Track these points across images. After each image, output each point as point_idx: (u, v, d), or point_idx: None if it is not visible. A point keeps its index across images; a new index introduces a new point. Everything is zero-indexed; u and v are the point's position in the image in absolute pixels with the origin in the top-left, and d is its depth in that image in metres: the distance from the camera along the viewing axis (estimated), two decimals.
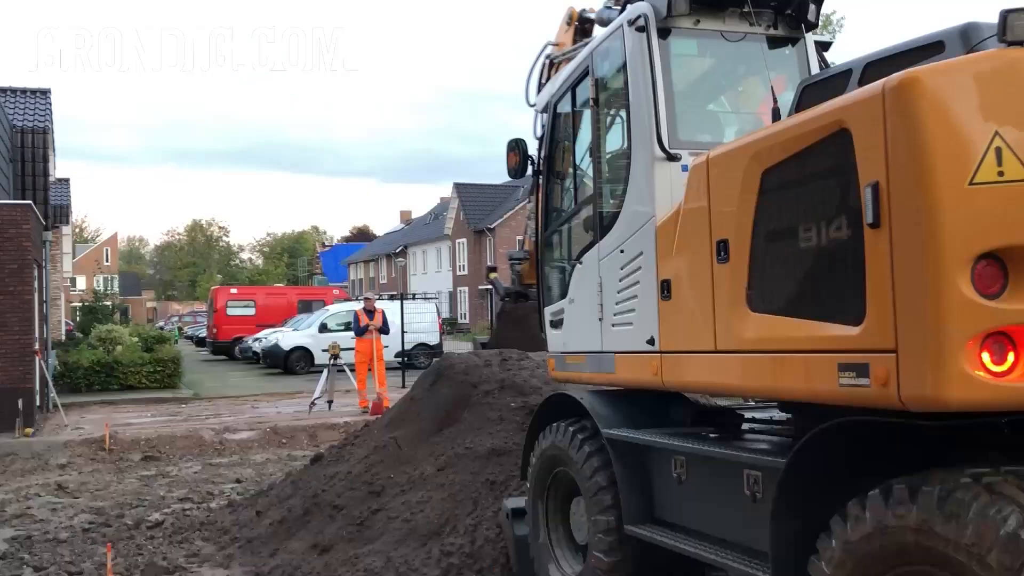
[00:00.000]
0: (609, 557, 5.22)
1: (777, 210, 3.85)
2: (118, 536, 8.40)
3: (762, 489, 4.15)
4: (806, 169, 3.66)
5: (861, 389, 3.32)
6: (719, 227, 4.18)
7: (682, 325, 4.60)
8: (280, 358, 29.18)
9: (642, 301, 4.99)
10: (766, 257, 3.90)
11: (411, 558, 6.58)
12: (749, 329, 3.96)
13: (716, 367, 4.29)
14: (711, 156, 4.31)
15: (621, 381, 5.41)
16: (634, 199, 5.13)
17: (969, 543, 2.92)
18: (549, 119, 6.49)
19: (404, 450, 8.34)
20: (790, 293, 3.78)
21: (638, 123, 5.09)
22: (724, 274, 4.13)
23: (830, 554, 3.44)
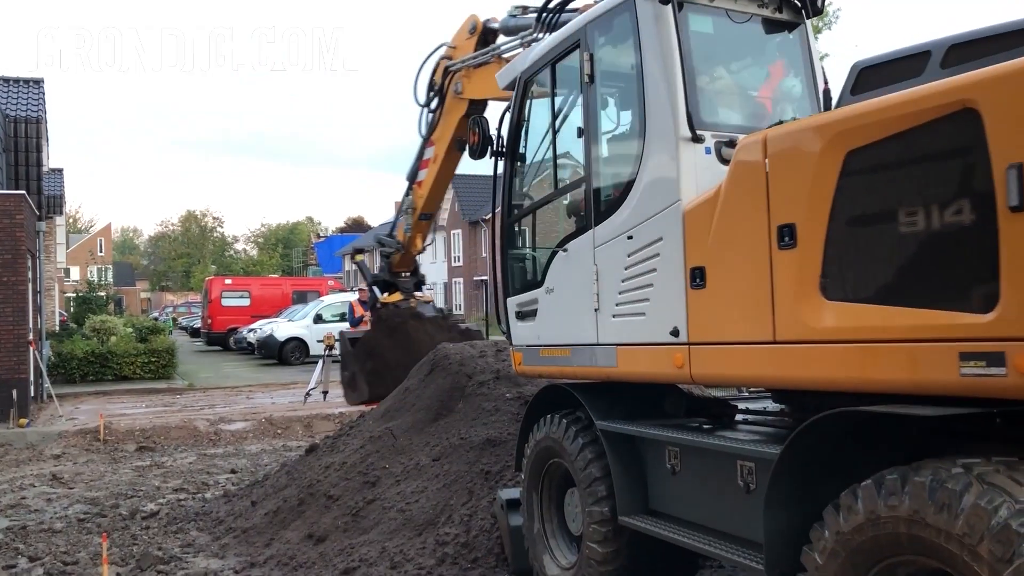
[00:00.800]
0: (603, 548, 5.25)
1: (867, 193, 3.61)
2: (113, 526, 8.41)
3: (756, 480, 4.18)
4: (912, 150, 3.42)
5: (992, 379, 3.12)
6: (781, 211, 3.90)
7: (722, 315, 4.29)
8: (275, 349, 29.18)
9: (661, 290, 4.69)
10: (849, 243, 3.65)
11: (406, 548, 6.60)
12: (825, 319, 3.71)
13: (773, 360, 3.98)
14: (770, 136, 4.03)
15: (624, 375, 5.13)
16: (650, 183, 4.81)
17: (961, 533, 2.94)
18: (517, 96, 6.13)
19: (399, 440, 8.35)
20: (886, 280, 3.53)
21: (656, 102, 4.78)
22: (788, 261, 3.86)
23: (823, 544, 3.46)
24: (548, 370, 5.92)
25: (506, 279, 6.33)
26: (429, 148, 10.32)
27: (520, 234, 6.32)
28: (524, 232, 6.29)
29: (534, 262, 6.14)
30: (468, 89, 9.49)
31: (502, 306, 6.39)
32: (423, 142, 10.40)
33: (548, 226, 6.08)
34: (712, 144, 4.66)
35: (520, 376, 6.75)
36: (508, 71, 6.53)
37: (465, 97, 9.55)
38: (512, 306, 6.22)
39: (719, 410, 5.41)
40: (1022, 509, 2.84)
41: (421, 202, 10.73)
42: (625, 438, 5.18)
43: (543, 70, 5.86)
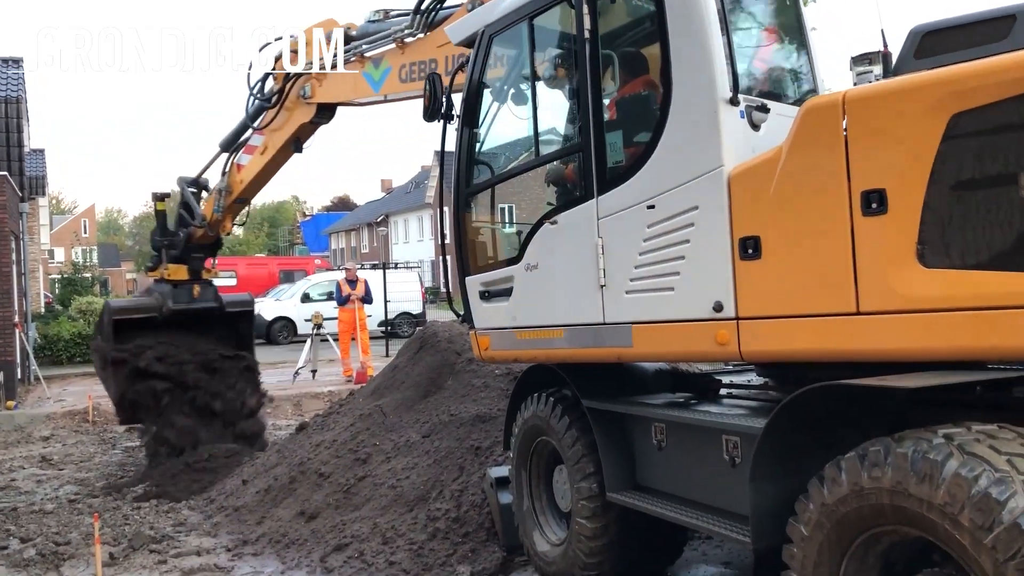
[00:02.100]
0: (592, 523, 5.30)
1: (976, 158, 3.45)
2: (104, 507, 8.43)
3: (741, 454, 4.22)
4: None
5: None
6: (866, 176, 3.67)
7: (783, 287, 3.99)
8: (262, 328, 29.03)
9: (697, 261, 4.30)
10: (954, 209, 3.48)
11: (397, 524, 6.66)
12: (923, 287, 3.52)
13: (855, 330, 3.71)
14: (850, 97, 3.76)
15: (643, 355, 4.80)
16: (678, 147, 4.40)
17: (942, 503, 2.99)
18: (479, 54, 5.56)
19: (389, 418, 8.39)
20: (1006, 246, 3.36)
21: (689, 62, 4.35)
22: (877, 228, 3.63)
23: (808, 516, 3.52)
24: (529, 353, 5.55)
25: (465, 256, 5.79)
26: (258, 136, 9.58)
27: (484, 206, 5.81)
28: (489, 204, 5.77)
29: (505, 236, 5.86)
30: (319, 93, 8.87)
31: (459, 286, 5.89)
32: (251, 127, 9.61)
33: (523, 196, 5.68)
34: (744, 107, 4.31)
35: (487, 362, 6.22)
36: (466, 24, 5.90)
37: (314, 102, 8.91)
38: (474, 285, 5.75)
39: (704, 385, 5.46)
40: (1002, 478, 2.90)
41: (239, 188, 9.86)
42: (612, 415, 5.22)
43: (516, 25, 5.33)
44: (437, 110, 5.74)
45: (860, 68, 4.17)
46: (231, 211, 10.16)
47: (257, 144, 9.59)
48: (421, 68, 7.57)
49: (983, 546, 2.87)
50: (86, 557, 6.93)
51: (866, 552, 3.40)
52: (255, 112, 9.47)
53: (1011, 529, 2.81)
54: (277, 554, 6.85)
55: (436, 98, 5.72)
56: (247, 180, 9.76)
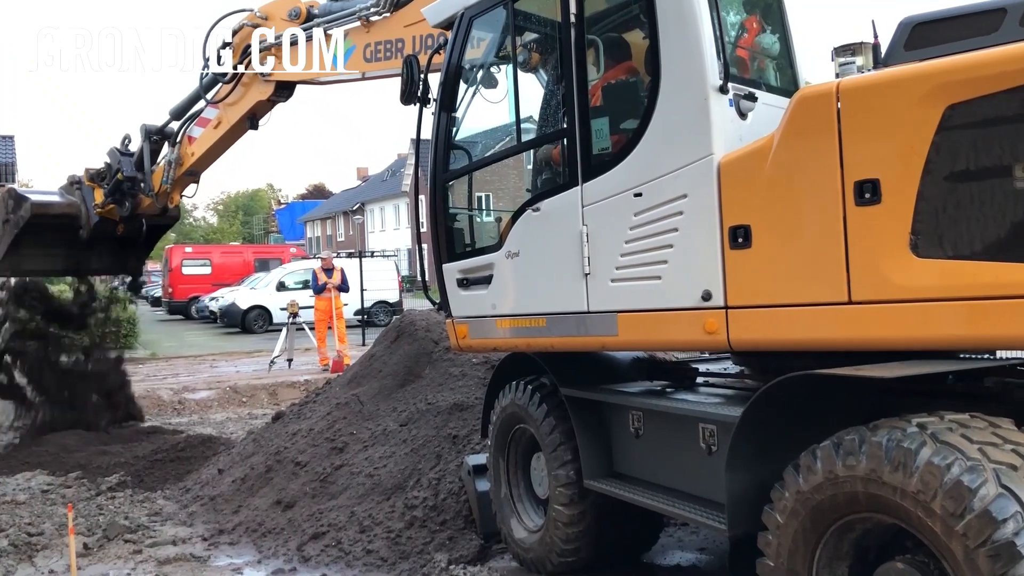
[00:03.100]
0: (569, 510, 5.33)
1: (972, 148, 3.46)
2: (78, 497, 8.36)
3: (717, 442, 4.26)
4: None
5: None
6: (860, 166, 3.68)
7: (773, 276, 4.00)
8: (237, 317, 28.98)
9: (686, 250, 4.29)
10: (949, 199, 3.50)
11: (375, 512, 6.66)
12: (918, 277, 3.54)
13: (847, 320, 3.73)
14: (844, 87, 3.77)
15: (628, 344, 4.78)
16: (666, 135, 4.38)
17: (915, 490, 3.04)
18: (458, 37, 5.49)
19: (366, 406, 8.38)
20: (1002, 237, 3.38)
21: (677, 48, 4.32)
22: (870, 218, 3.66)
23: (783, 504, 3.55)
24: (509, 342, 5.49)
25: (442, 242, 5.72)
26: (212, 109, 9.23)
27: (461, 192, 5.74)
28: (467, 190, 5.69)
29: (484, 223, 5.83)
30: (277, 71, 8.59)
31: (436, 273, 5.81)
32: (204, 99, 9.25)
33: (503, 183, 5.67)
34: (732, 96, 4.28)
35: (464, 352, 6.15)
36: (445, 5, 5.75)
37: (272, 79, 8.63)
38: (451, 273, 5.68)
39: (681, 373, 5.49)
40: (973, 466, 2.94)
41: (190, 160, 9.48)
42: (589, 403, 5.24)
43: (497, 7, 5.25)
44: (414, 93, 5.66)
45: (843, 59, 4.17)
46: (180, 184, 9.78)
47: (210, 117, 9.27)
48: (387, 48, 7.44)
49: (954, 533, 2.92)
50: (60, 548, 6.87)
51: (840, 539, 3.45)
52: (209, 84, 9.10)
53: (982, 516, 2.86)
54: (254, 543, 6.84)
55: (413, 81, 5.63)
56: (198, 153, 9.44)
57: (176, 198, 9.92)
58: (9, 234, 9.75)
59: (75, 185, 10.24)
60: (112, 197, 9.85)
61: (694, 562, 5.89)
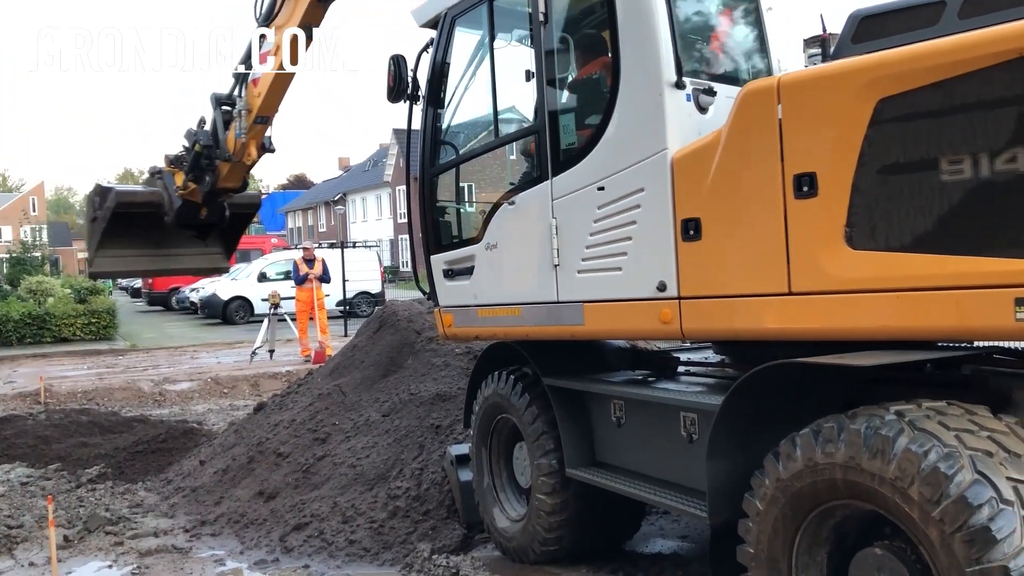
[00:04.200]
0: (552, 499, 5.36)
1: (902, 142, 3.52)
2: (58, 489, 8.30)
3: (698, 430, 4.29)
4: (957, 98, 3.34)
5: None
6: (800, 159, 3.76)
7: (722, 267, 4.11)
8: (218, 308, 28.82)
9: (643, 242, 4.41)
10: (880, 192, 3.57)
11: (358, 502, 6.66)
12: (852, 269, 3.62)
13: (787, 311, 3.84)
14: (784, 83, 3.85)
15: (594, 332, 4.89)
16: (625, 131, 4.50)
17: (893, 477, 3.07)
18: (442, 36, 5.64)
19: (348, 397, 8.37)
20: (926, 229, 3.45)
21: (634, 46, 4.45)
22: (807, 211, 3.74)
23: (763, 491, 3.58)
24: (489, 331, 5.62)
25: (430, 235, 5.89)
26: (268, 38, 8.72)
27: (447, 186, 5.85)
28: (452, 184, 5.80)
29: (467, 216, 5.89)
30: None
31: (424, 264, 5.95)
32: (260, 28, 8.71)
33: (484, 177, 5.76)
34: (691, 91, 4.40)
35: (450, 340, 6.35)
36: (429, 6, 5.89)
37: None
38: (438, 264, 5.83)
39: (662, 362, 5.52)
40: (950, 453, 2.98)
41: (258, 102, 9.07)
42: (571, 393, 5.26)
43: (477, 7, 5.38)
44: (402, 91, 5.77)
45: (811, 50, 4.22)
46: (254, 134, 9.33)
47: (269, 48, 8.79)
48: None
49: (931, 518, 2.96)
50: (40, 540, 6.83)
51: (819, 526, 3.49)
52: (267, 13, 8.72)
53: (958, 502, 2.90)
54: (236, 534, 6.83)
55: (401, 79, 5.73)
56: (264, 91, 9.02)
57: (252, 151, 9.39)
58: (98, 230, 9.61)
59: (156, 176, 10.14)
60: (192, 174, 9.54)
61: (675, 550, 5.93)
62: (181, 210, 9.55)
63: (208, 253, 10.13)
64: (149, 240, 9.70)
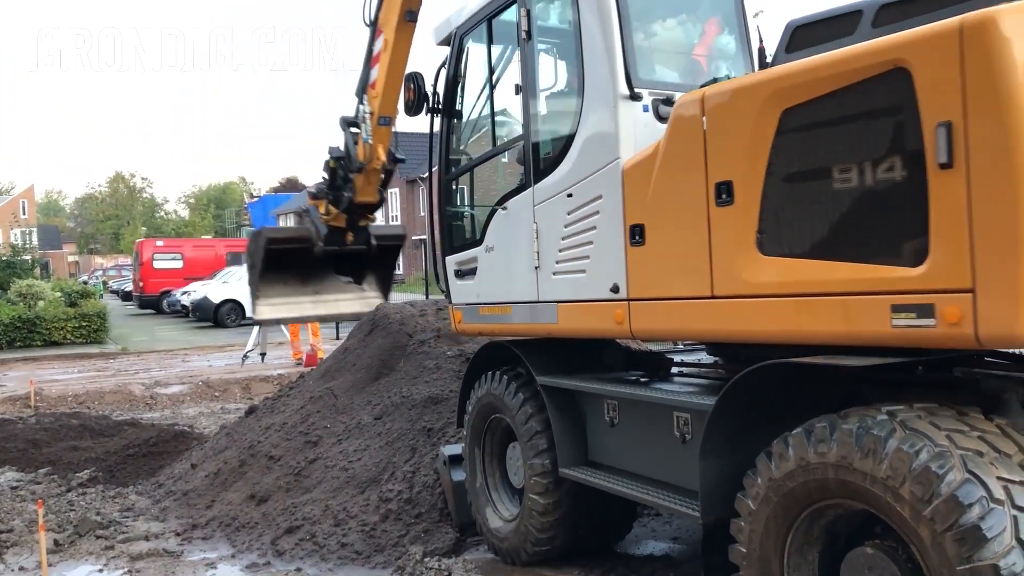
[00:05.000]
0: (545, 499, 5.36)
1: (802, 151, 3.67)
2: (48, 493, 8.27)
3: (691, 430, 4.30)
4: (845, 109, 3.48)
5: (923, 330, 3.23)
6: (719, 169, 3.97)
7: (661, 271, 4.37)
8: (210, 311, 28.75)
9: (601, 247, 4.73)
10: (784, 200, 3.73)
11: (349, 505, 6.65)
12: (761, 274, 3.82)
13: (711, 314, 4.07)
14: (708, 95, 4.06)
15: (565, 331, 5.18)
16: (588, 140, 4.82)
17: (885, 476, 3.08)
18: (452, 52, 6.05)
19: (340, 400, 8.35)
20: (820, 236, 3.61)
21: (594, 60, 4.77)
22: (726, 218, 3.94)
23: (756, 491, 3.59)
24: (488, 328, 5.95)
25: (444, 237, 6.31)
26: (378, 39, 9.09)
27: (458, 192, 6.28)
28: (462, 190, 6.23)
29: (473, 220, 6.12)
30: None
31: (441, 265, 6.38)
32: (371, 34, 9.15)
33: (487, 184, 6.01)
34: (650, 102, 4.64)
35: (459, 335, 6.75)
36: (443, 26, 6.34)
37: None
38: (451, 264, 6.22)
39: (656, 363, 5.53)
40: (941, 452, 2.99)
41: (378, 103, 9.33)
42: (565, 392, 5.28)
43: (479, 26, 5.74)
44: (421, 106, 6.25)
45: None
46: (379, 137, 9.59)
47: (379, 48, 9.13)
48: None
49: (922, 517, 2.96)
50: (30, 544, 6.80)
51: (811, 525, 3.49)
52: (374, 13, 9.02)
53: (949, 501, 2.90)
54: (227, 538, 6.80)
55: (420, 94, 6.20)
56: (381, 88, 9.22)
57: (380, 153, 9.61)
58: (255, 275, 9.98)
59: (303, 214, 10.48)
60: (332, 194, 9.82)
61: (667, 551, 5.93)
62: (328, 237, 9.93)
63: (365, 297, 10.51)
64: (306, 284, 10.00)
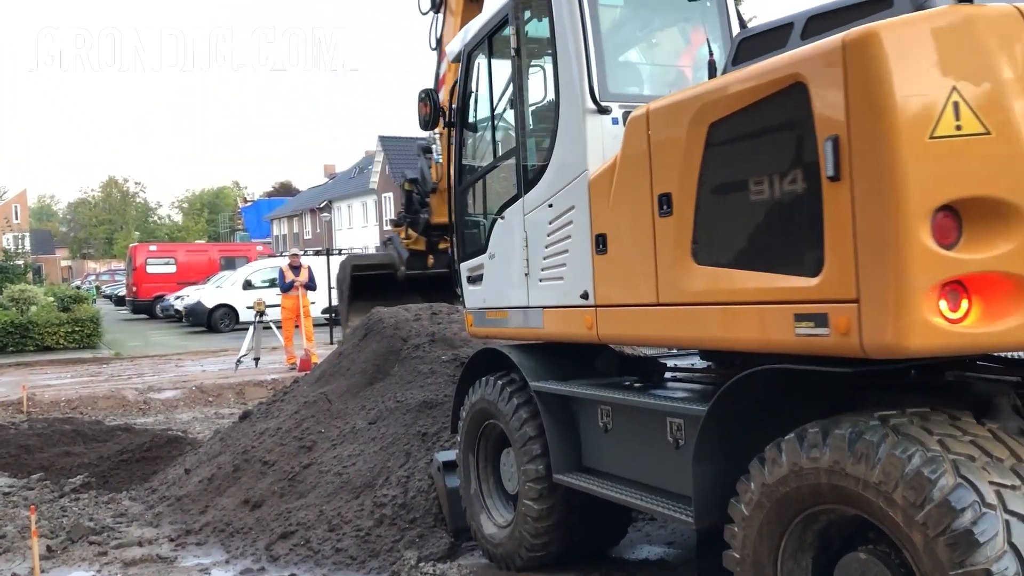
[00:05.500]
0: (539, 504, 5.36)
1: (725, 164, 3.83)
2: (41, 499, 8.23)
3: (684, 436, 4.30)
4: (757, 123, 3.64)
5: (819, 339, 3.36)
6: (661, 181, 4.15)
7: (620, 279, 4.58)
8: (203, 316, 28.69)
9: (574, 255, 4.94)
10: (713, 211, 3.89)
11: (344, 510, 6.64)
12: (695, 282, 3.98)
13: (659, 320, 4.28)
14: (652, 109, 4.24)
15: (550, 335, 5.38)
16: (563, 153, 5.03)
17: (877, 481, 3.09)
18: (462, 68, 6.29)
19: (334, 405, 8.34)
20: (739, 246, 3.78)
21: (566, 75, 4.98)
22: (667, 228, 4.13)
23: (749, 496, 3.60)
24: (493, 331, 6.14)
25: (459, 245, 6.55)
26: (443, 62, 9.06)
27: (468, 202, 6.48)
28: (472, 200, 6.43)
29: (481, 228, 6.25)
30: None
31: (456, 271, 6.60)
32: (437, 57, 9.26)
33: (492, 194, 6.16)
34: (620, 115, 4.77)
35: (472, 337, 7.01)
36: (456, 43, 6.58)
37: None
38: (464, 271, 6.42)
39: (649, 368, 5.54)
40: (933, 457, 3.00)
41: None
42: (559, 398, 5.28)
43: (483, 43, 5.95)
44: (437, 120, 6.65)
45: None
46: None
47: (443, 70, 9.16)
48: None
49: (915, 522, 2.97)
50: (23, 551, 6.77)
51: (804, 530, 3.50)
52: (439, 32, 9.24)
53: (941, 506, 2.91)
54: (222, 543, 6.79)
55: (436, 109, 6.58)
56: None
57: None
58: (345, 301, 10.41)
59: (386, 243, 10.86)
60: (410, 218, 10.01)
61: (662, 556, 5.94)
62: (410, 261, 10.13)
63: None
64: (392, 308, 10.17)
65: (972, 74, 3.11)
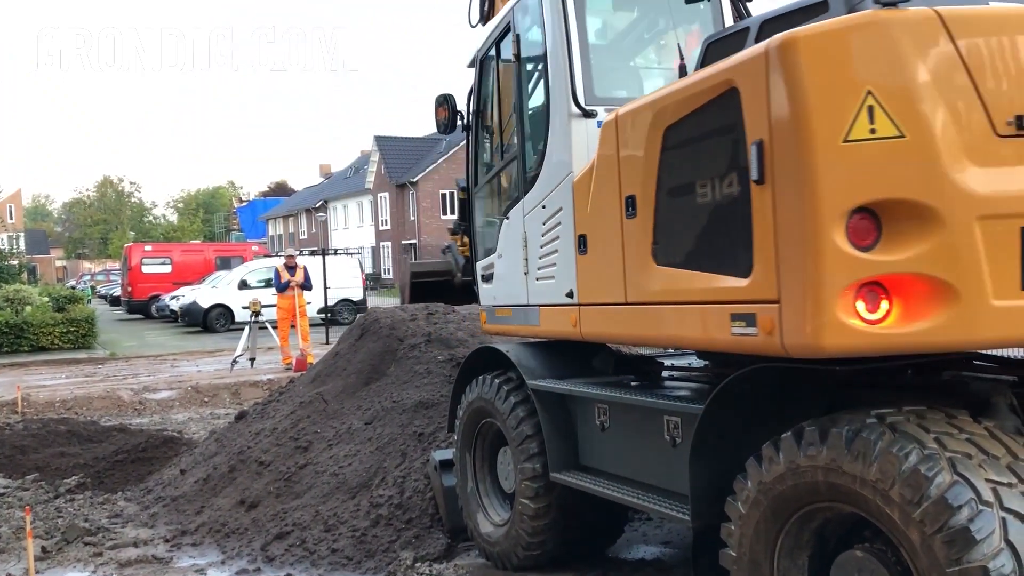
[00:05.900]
0: (535, 503, 5.36)
1: (677, 167, 3.95)
2: (36, 499, 8.21)
3: (681, 434, 4.30)
4: (701, 127, 3.76)
5: (750, 338, 3.49)
6: (628, 183, 4.28)
7: (597, 278, 4.71)
8: (199, 316, 28.66)
9: (562, 255, 5.07)
10: (668, 212, 4.03)
11: (340, 511, 6.63)
12: (655, 282, 4.12)
13: (628, 319, 4.43)
14: (620, 113, 4.37)
15: (544, 333, 5.51)
16: (554, 155, 5.16)
17: (874, 479, 3.09)
18: (476, 74, 6.47)
19: (331, 405, 8.33)
20: (689, 247, 3.91)
21: (556, 79, 5.10)
22: (633, 229, 4.26)
23: (746, 494, 3.60)
24: (502, 328, 6.29)
25: (475, 244, 6.74)
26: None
27: (482, 203, 6.63)
28: (484, 201, 6.58)
29: (492, 229, 6.35)
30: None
31: (472, 269, 6.79)
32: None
33: (501, 195, 6.28)
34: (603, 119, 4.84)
35: (486, 334, 7.20)
36: (471, 50, 6.73)
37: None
38: (479, 269, 6.58)
39: (646, 367, 5.54)
40: (930, 455, 3.00)
41: None
42: (556, 396, 5.29)
43: (491, 48, 6.08)
44: (454, 124, 6.67)
45: None
46: None
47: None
48: None
49: (912, 520, 2.97)
50: (17, 552, 6.76)
51: (801, 528, 3.50)
52: None
53: (938, 503, 2.91)
54: (217, 544, 6.78)
55: (453, 113, 6.60)
56: None
57: None
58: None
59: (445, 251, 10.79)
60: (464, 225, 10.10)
61: (658, 555, 5.94)
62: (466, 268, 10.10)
63: None
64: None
65: (888, 78, 3.13)
